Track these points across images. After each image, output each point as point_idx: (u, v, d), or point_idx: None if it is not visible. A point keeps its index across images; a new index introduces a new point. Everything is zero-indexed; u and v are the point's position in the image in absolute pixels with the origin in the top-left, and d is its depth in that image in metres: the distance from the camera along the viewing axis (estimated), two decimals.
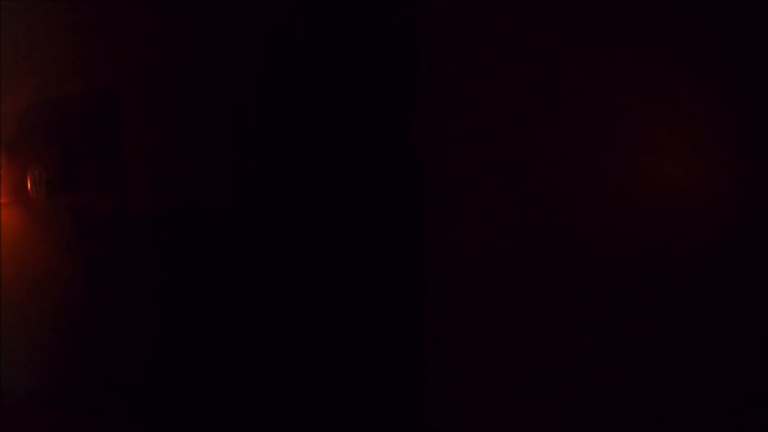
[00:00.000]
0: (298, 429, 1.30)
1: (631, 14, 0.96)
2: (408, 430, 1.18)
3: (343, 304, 1.26)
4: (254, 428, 1.38)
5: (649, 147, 0.96)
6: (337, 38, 1.24)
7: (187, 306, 1.46)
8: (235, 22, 1.36)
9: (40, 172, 1.51)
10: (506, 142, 1.06)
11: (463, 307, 1.11)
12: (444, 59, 1.11)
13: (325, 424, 1.28)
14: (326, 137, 1.27)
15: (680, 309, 0.94)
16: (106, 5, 1.48)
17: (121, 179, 1.49)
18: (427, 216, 1.13)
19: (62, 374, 1.65)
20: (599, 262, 0.99)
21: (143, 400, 1.52)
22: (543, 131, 1.03)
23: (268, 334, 1.35)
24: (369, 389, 1.24)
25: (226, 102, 1.38)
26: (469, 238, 1.10)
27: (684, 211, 0.94)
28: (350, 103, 1.23)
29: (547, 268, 1.03)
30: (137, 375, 1.52)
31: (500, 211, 1.07)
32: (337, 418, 1.27)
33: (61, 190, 1.53)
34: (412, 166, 1.15)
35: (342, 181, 1.25)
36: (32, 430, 1.61)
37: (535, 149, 1.04)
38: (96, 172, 1.52)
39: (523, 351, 1.05)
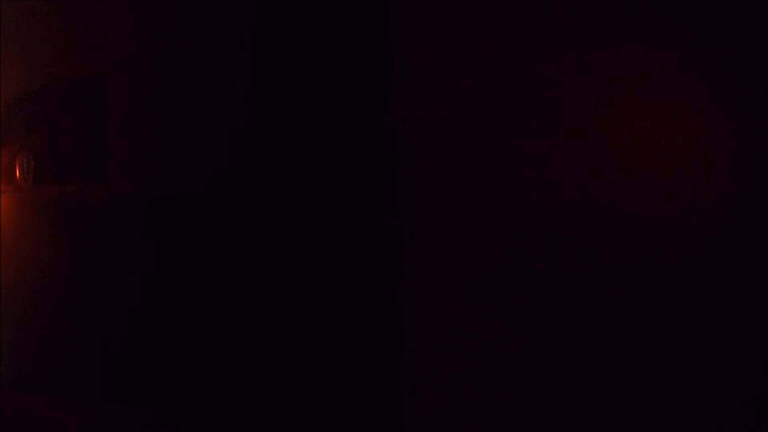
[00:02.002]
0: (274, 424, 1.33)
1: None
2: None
3: (315, 283, 1.27)
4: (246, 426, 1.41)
5: (634, 133, 0.96)
6: (316, 24, 1.24)
7: (176, 291, 1.47)
8: (219, 8, 1.35)
9: (28, 160, 1.51)
10: (478, 126, 1.06)
11: (438, 297, 1.11)
12: (416, 44, 1.11)
13: (302, 424, 1.30)
14: (307, 118, 1.27)
15: (667, 307, 0.94)
16: None
17: (107, 166, 1.50)
18: (400, 199, 1.13)
19: (56, 362, 1.67)
20: (584, 258, 0.99)
21: (136, 386, 1.54)
22: (528, 120, 1.02)
23: (251, 319, 1.36)
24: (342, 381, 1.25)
25: (210, 88, 1.37)
26: (442, 226, 1.11)
27: (675, 210, 0.93)
28: (328, 87, 1.24)
29: (526, 256, 1.03)
30: (129, 360, 1.54)
31: (474, 196, 1.07)
32: (313, 417, 1.29)
33: (49, 177, 1.54)
34: (386, 141, 1.16)
35: (319, 163, 1.25)
36: (28, 418, 1.63)
37: (518, 135, 1.03)
38: (83, 160, 1.52)
39: (500, 345, 1.05)
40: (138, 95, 1.47)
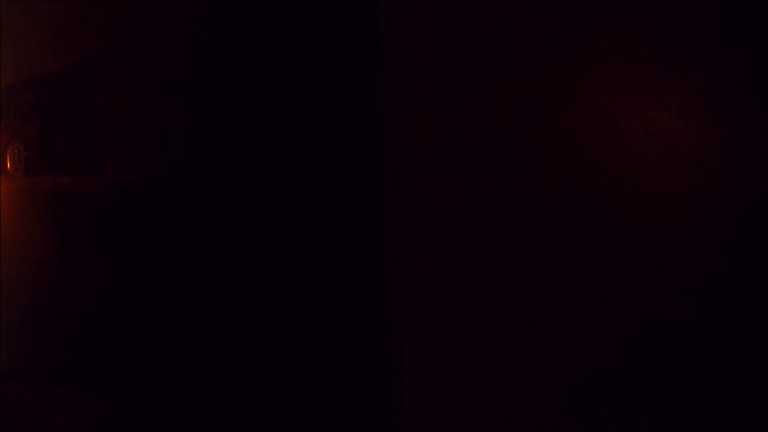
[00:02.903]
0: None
1: None
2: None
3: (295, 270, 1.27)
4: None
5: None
6: (306, 12, 1.25)
7: (168, 279, 1.47)
8: None
9: (19, 150, 1.52)
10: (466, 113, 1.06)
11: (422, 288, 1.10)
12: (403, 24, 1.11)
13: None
14: (294, 105, 1.28)
15: (659, 296, 0.93)
16: None
17: (98, 156, 1.51)
18: (385, 187, 1.13)
19: (50, 351, 1.67)
20: (573, 243, 0.98)
21: (129, 374, 1.55)
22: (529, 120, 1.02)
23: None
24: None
25: (201, 76, 1.38)
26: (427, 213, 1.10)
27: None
28: (312, 67, 1.24)
29: (517, 246, 1.02)
30: (123, 349, 1.54)
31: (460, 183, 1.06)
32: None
33: (40, 167, 1.55)
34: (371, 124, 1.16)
35: (304, 146, 1.26)
36: (28, 409, 1.63)
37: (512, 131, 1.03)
38: (74, 150, 1.54)
39: (492, 344, 1.04)
40: (130, 85, 1.48)
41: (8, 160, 1.52)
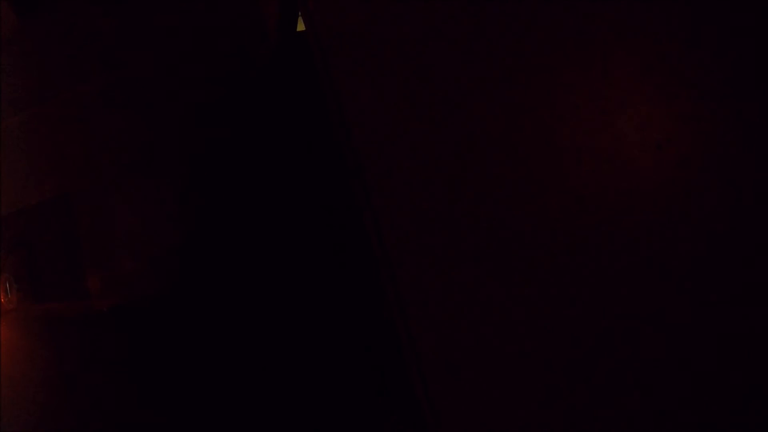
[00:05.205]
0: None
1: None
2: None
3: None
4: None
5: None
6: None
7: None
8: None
9: (10, 282, 1.56)
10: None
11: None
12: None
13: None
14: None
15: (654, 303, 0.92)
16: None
17: (83, 281, 1.56)
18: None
19: None
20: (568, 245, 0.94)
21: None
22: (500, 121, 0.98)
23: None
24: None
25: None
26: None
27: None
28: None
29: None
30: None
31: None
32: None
33: (30, 296, 1.58)
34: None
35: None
36: None
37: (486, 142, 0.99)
38: (60, 275, 1.58)
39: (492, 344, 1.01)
40: (104, 209, 1.55)
41: (1, 294, 1.56)
